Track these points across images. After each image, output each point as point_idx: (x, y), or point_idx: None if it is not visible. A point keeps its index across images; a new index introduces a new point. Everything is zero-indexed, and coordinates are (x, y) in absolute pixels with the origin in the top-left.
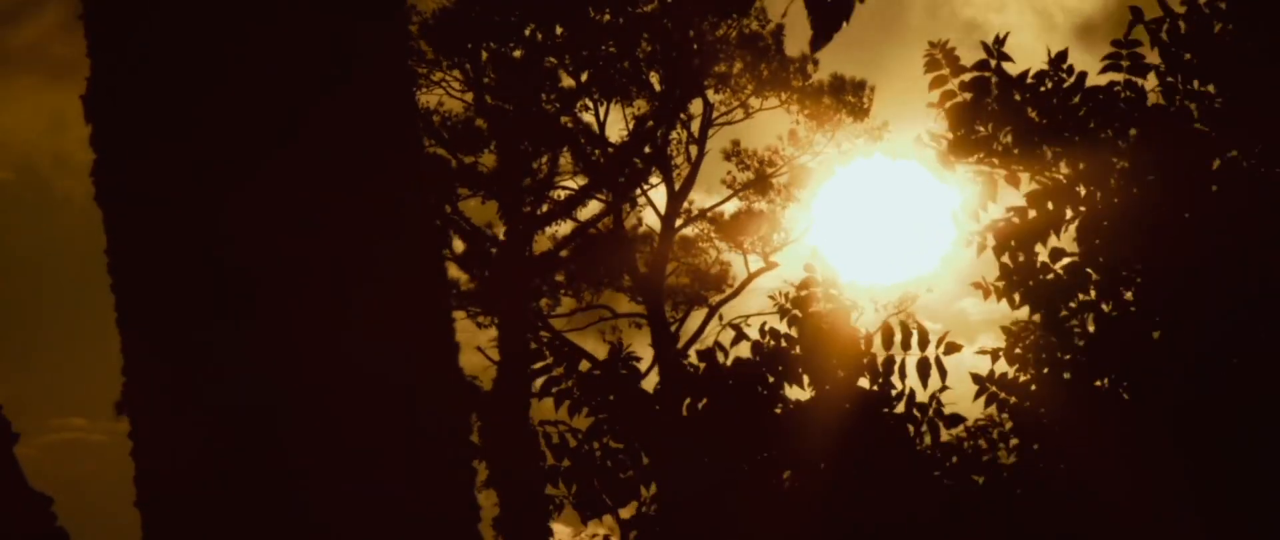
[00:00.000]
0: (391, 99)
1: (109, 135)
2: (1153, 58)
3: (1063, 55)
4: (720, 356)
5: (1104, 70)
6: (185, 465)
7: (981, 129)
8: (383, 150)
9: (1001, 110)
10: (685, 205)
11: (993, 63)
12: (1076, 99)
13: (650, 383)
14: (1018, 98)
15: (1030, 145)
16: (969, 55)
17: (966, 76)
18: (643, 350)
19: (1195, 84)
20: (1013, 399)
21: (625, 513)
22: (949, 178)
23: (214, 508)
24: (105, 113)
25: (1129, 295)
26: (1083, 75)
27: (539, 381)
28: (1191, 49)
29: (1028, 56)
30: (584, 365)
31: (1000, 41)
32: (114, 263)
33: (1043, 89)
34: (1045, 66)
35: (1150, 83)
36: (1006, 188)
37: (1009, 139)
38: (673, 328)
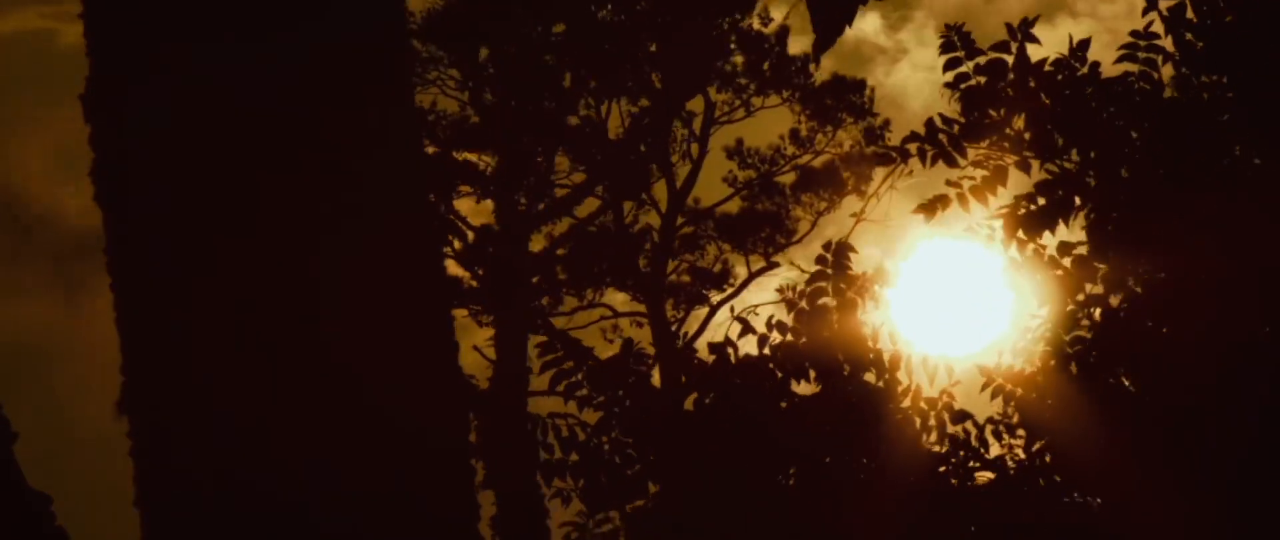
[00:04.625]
0: (391, 99)
1: (109, 135)
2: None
3: (1085, 43)
4: (731, 353)
5: (1119, 60)
6: (185, 465)
7: (994, 114)
8: (382, 150)
9: (1016, 95)
10: (687, 203)
11: (1013, 46)
12: (1090, 90)
13: (651, 381)
14: (1033, 84)
15: (1042, 132)
16: None
17: (983, 59)
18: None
19: (1206, 77)
20: (1020, 392)
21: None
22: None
23: (214, 507)
24: (105, 113)
25: (1138, 289)
26: (1095, 65)
27: (547, 374)
28: (1205, 38)
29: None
30: (589, 363)
31: (1028, 24)
32: (114, 263)
33: (1059, 78)
34: (1065, 53)
35: (1168, 73)
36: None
37: (1021, 124)
38: (674, 326)
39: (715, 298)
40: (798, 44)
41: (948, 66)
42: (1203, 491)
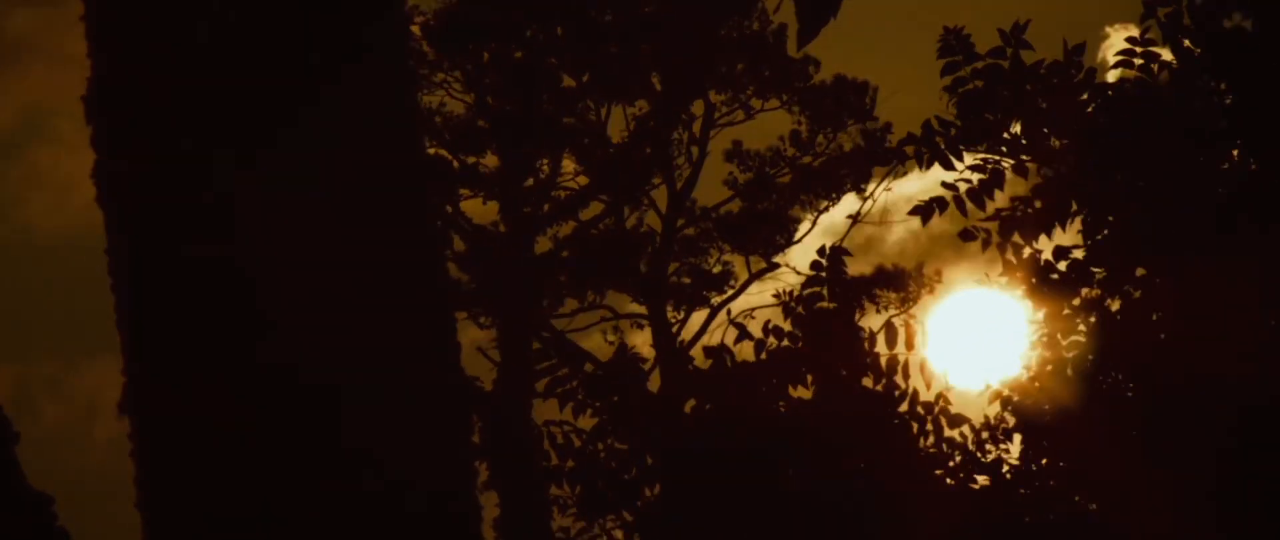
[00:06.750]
0: (392, 101)
1: (109, 135)
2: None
3: (1080, 48)
4: (727, 358)
5: (1115, 66)
6: (185, 465)
7: (991, 118)
8: (384, 152)
9: (1012, 99)
10: (687, 205)
11: (1009, 51)
12: (1085, 95)
13: (652, 383)
14: (1029, 88)
15: (1039, 136)
16: None
17: (980, 63)
18: (644, 351)
19: (1208, 83)
20: (1016, 396)
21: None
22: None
23: (214, 508)
24: (105, 113)
25: (1136, 293)
26: (1092, 71)
27: (543, 382)
28: (1201, 43)
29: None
30: (587, 367)
31: (1020, 28)
32: (114, 263)
33: (1054, 82)
34: (1061, 57)
35: (1163, 79)
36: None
37: (1018, 129)
38: (674, 328)
39: (716, 299)
40: (795, 45)
41: (945, 70)
42: (1205, 491)
